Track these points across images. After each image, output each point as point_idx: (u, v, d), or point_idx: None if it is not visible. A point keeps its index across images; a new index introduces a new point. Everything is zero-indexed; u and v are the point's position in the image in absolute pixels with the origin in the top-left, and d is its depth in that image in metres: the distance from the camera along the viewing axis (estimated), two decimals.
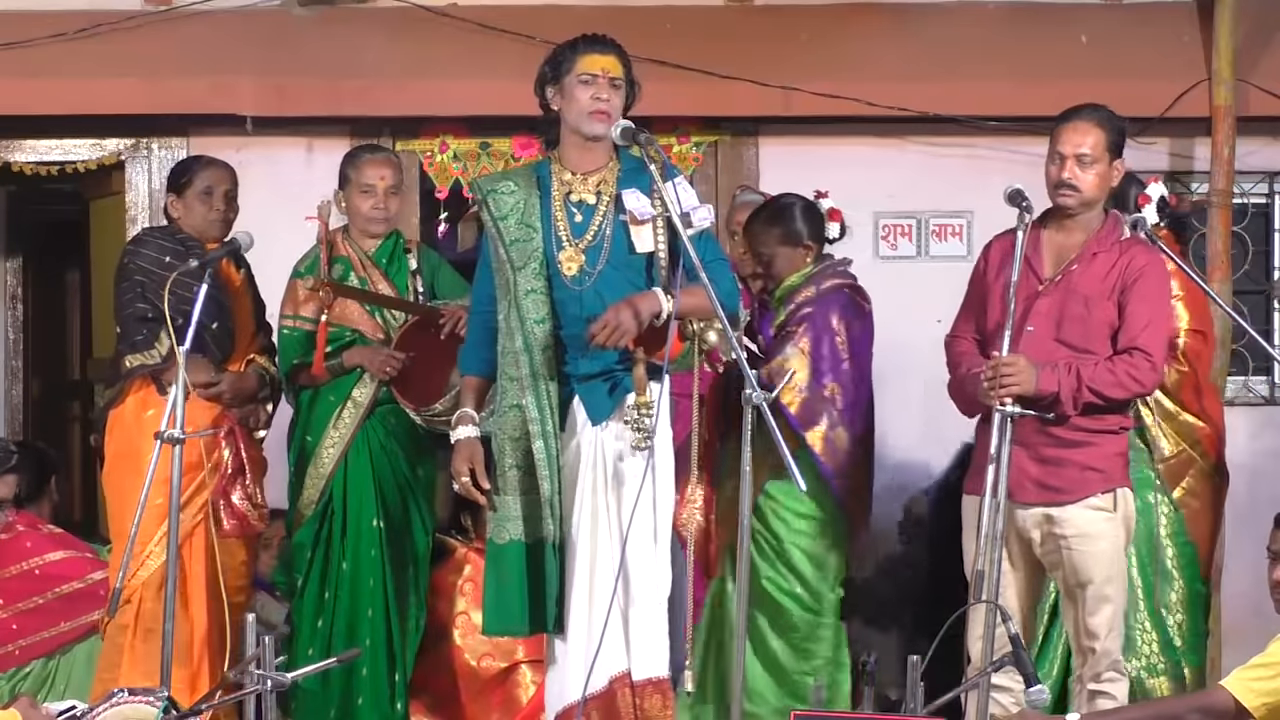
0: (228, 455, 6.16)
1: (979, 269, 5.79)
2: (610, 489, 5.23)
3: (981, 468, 5.60)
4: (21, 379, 9.04)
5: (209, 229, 6.27)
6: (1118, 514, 5.59)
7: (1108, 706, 5.49)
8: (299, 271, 6.42)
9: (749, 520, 4.96)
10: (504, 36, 7.62)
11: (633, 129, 5.20)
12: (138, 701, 4.67)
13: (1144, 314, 5.54)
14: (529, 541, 5.24)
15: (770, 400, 4.92)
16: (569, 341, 5.26)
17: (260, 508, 6.25)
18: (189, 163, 6.52)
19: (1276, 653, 4.54)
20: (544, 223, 5.28)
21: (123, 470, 6.13)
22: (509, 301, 5.25)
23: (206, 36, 7.79)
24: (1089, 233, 5.60)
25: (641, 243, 5.27)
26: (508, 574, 5.25)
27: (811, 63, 7.75)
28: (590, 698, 5.17)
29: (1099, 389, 5.48)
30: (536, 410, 5.20)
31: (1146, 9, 8.04)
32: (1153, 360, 5.53)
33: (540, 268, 5.25)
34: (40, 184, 8.26)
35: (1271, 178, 8.09)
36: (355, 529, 6.32)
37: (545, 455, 5.20)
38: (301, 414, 6.39)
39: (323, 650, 6.19)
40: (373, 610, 6.31)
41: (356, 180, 6.40)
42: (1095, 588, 5.56)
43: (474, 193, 5.39)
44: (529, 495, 5.24)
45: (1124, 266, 5.56)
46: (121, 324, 6.18)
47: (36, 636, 6.61)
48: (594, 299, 5.23)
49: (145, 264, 6.16)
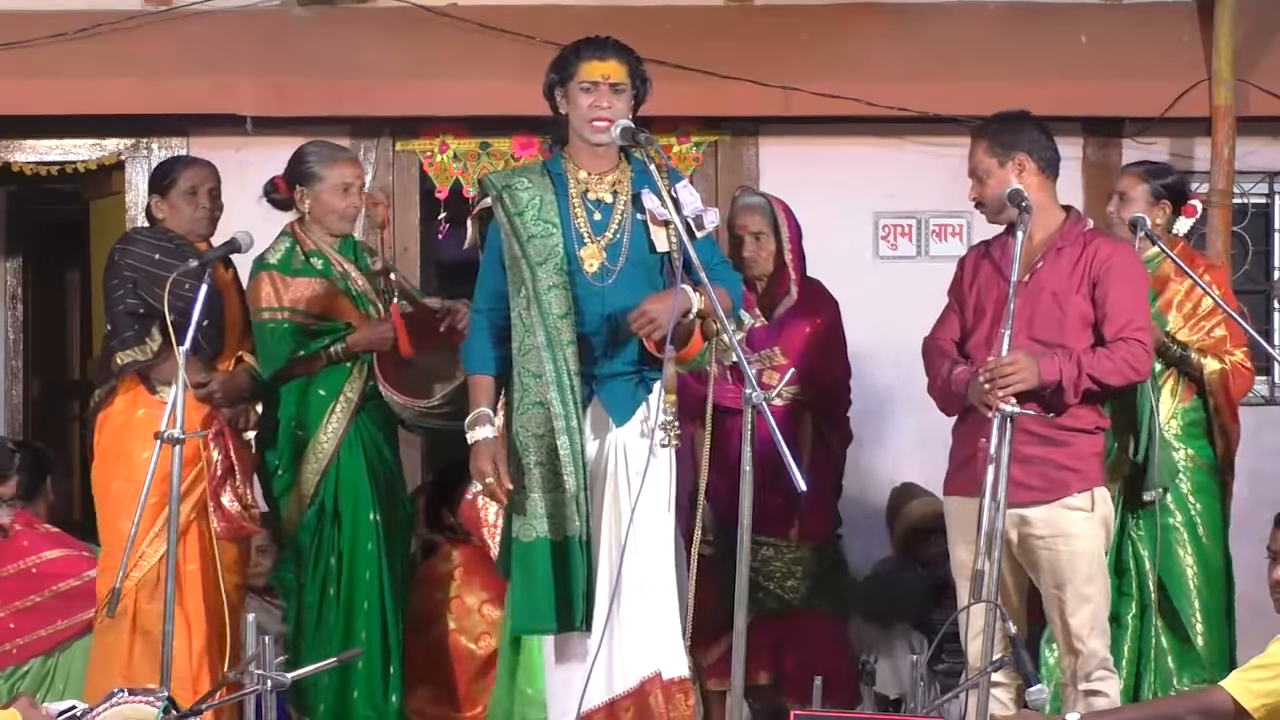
0: (217, 457, 6.11)
1: (956, 279, 5.86)
2: (632, 488, 5.23)
3: (959, 467, 5.67)
4: (21, 379, 9.04)
5: (196, 227, 6.27)
6: (1096, 514, 5.61)
7: (1103, 705, 5.49)
8: (270, 264, 6.30)
9: (749, 520, 4.96)
10: (504, 36, 7.62)
11: (632, 129, 5.22)
12: (138, 701, 4.67)
13: (1126, 302, 5.58)
14: (555, 539, 5.24)
15: (770, 400, 4.93)
16: (588, 339, 5.27)
17: (250, 508, 6.24)
18: (170, 164, 6.50)
19: (1276, 653, 4.55)
20: (563, 219, 5.30)
21: (111, 470, 6.11)
22: (526, 298, 5.25)
23: (206, 36, 7.79)
24: (1048, 232, 5.65)
25: (660, 242, 5.32)
26: (535, 572, 5.24)
27: (811, 63, 7.75)
28: (621, 697, 5.20)
29: (1099, 376, 5.50)
30: (561, 406, 5.20)
31: (1146, 9, 8.04)
32: (1146, 347, 5.59)
33: (562, 263, 5.26)
34: (40, 184, 8.26)
35: (1271, 178, 8.09)
36: (352, 523, 6.30)
37: (570, 451, 5.20)
38: (289, 409, 6.33)
39: (326, 646, 6.19)
40: (369, 603, 6.31)
41: (329, 178, 6.35)
42: (1074, 588, 5.57)
43: (487, 189, 5.37)
44: (553, 493, 5.23)
45: (1090, 258, 5.61)
46: (112, 320, 6.17)
47: (34, 635, 6.60)
48: (615, 296, 5.26)
49: (136, 261, 6.14)
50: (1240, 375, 6.33)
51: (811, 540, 6.50)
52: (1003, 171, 5.64)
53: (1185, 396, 6.32)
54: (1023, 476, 5.49)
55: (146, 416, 6.06)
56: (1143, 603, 6.24)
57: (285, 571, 6.42)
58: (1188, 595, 6.28)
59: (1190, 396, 6.31)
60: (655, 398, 5.33)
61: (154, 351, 6.07)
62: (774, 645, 6.50)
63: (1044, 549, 5.57)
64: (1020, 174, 5.63)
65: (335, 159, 6.41)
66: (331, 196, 6.36)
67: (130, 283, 6.12)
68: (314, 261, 6.35)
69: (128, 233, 6.50)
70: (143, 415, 6.08)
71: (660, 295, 5.19)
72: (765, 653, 6.47)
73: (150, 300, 6.06)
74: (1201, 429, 6.33)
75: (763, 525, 6.34)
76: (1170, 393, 6.30)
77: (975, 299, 5.73)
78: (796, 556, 6.47)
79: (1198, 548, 6.30)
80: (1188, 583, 6.29)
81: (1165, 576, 6.26)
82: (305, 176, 6.38)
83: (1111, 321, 5.57)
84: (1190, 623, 6.27)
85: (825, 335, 6.56)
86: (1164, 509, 6.25)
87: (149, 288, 6.06)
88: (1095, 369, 5.51)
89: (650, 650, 5.25)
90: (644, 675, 5.23)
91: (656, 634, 5.26)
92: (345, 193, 6.37)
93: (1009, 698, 5.57)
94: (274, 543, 6.61)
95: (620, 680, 5.22)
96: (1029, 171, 5.65)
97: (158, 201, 6.31)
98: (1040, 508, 5.55)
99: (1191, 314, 6.33)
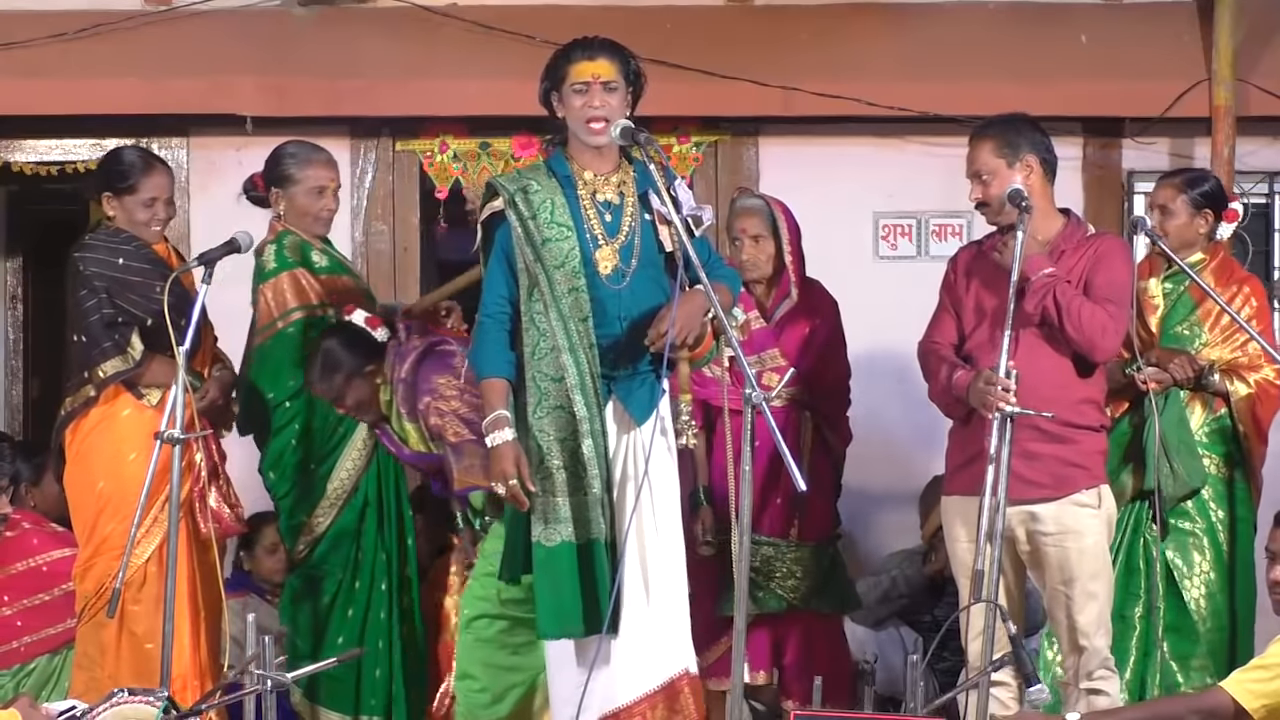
0: (199, 459, 6.05)
1: (948, 279, 5.87)
2: (648, 488, 5.24)
3: (961, 467, 5.68)
4: (21, 379, 9.04)
5: (148, 235, 6.18)
6: (1102, 510, 5.64)
7: (1104, 704, 5.50)
8: (292, 263, 6.28)
9: (749, 520, 4.96)
10: (504, 36, 7.62)
11: (631, 129, 5.22)
12: (137, 701, 4.67)
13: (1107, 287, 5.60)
14: (579, 542, 5.24)
15: (770, 400, 4.94)
16: (605, 341, 5.26)
17: (236, 508, 6.24)
18: (129, 167, 6.21)
19: (1276, 654, 4.55)
20: (576, 222, 5.29)
21: (94, 471, 6.06)
22: (543, 302, 5.24)
23: (206, 36, 7.79)
24: (1049, 234, 5.68)
25: (667, 242, 5.33)
26: (561, 576, 5.23)
27: (811, 63, 7.75)
28: (651, 694, 5.23)
29: (1064, 305, 5.53)
30: (585, 409, 5.20)
31: (1146, 9, 8.04)
32: (1119, 329, 5.60)
33: (579, 266, 5.25)
34: (40, 184, 8.25)
35: (1271, 178, 8.09)
36: (394, 517, 6.32)
37: (595, 454, 5.21)
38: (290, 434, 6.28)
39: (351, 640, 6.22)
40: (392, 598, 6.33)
41: (305, 180, 6.30)
42: (1081, 585, 5.59)
43: (499, 192, 5.32)
44: (576, 496, 5.23)
45: (1091, 254, 5.66)
46: (87, 331, 6.04)
47: (42, 633, 6.60)
48: (631, 297, 5.27)
49: (101, 268, 6.06)
50: (1268, 396, 6.29)
51: (811, 540, 6.50)
52: (1010, 172, 5.64)
53: (1217, 406, 6.30)
54: (1030, 474, 5.50)
55: (132, 418, 6.04)
56: (1150, 603, 6.24)
57: (332, 557, 6.35)
58: (1199, 599, 6.27)
59: (1222, 406, 6.29)
60: (666, 397, 5.35)
61: (136, 360, 6.03)
62: (774, 645, 6.50)
63: (1052, 546, 5.58)
64: (1028, 175, 5.64)
65: (310, 161, 6.37)
66: (306, 199, 6.34)
67: (103, 291, 6.04)
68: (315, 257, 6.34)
69: (85, 240, 6.22)
70: (128, 416, 6.06)
71: (682, 302, 5.15)
72: (765, 653, 6.47)
73: (126, 306, 6.03)
74: (1225, 437, 6.31)
75: (763, 525, 6.37)
76: (1202, 404, 6.29)
77: (974, 300, 5.73)
78: (797, 556, 6.46)
79: (1217, 553, 6.29)
80: (1199, 587, 6.28)
81: (1179, 579, 6.26)
82: (280, 178, 6.36)
83: (1091, 296, 5.60)
84: (1201, 625, 6.26)
85: (825, 336, 6.56)
86: (1187, 515, 6.25)
87: (120, 294, 6.02)
88: (1067, 300, 5.52)
89: (677, 648, 5.30)
90: (673, 673, 5.27)
91: (679, 632, 5.31)
92: (320, 195, 6.35)
93: (1009, 697, 5.57)
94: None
95: (649, 678, 5.25)
96: (1035, 173, 5.66)
97: (109, 199, 6.18)
98: (1049, 504, 5.56)
99: (1229, 325, 6.30)
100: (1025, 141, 5.66)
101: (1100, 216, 7.85)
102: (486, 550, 5.86)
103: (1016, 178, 5.62)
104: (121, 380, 6.05)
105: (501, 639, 5.84)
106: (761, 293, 6.55)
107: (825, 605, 6.55)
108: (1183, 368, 6.18)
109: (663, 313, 5.18)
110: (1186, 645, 6.28)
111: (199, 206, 7.89)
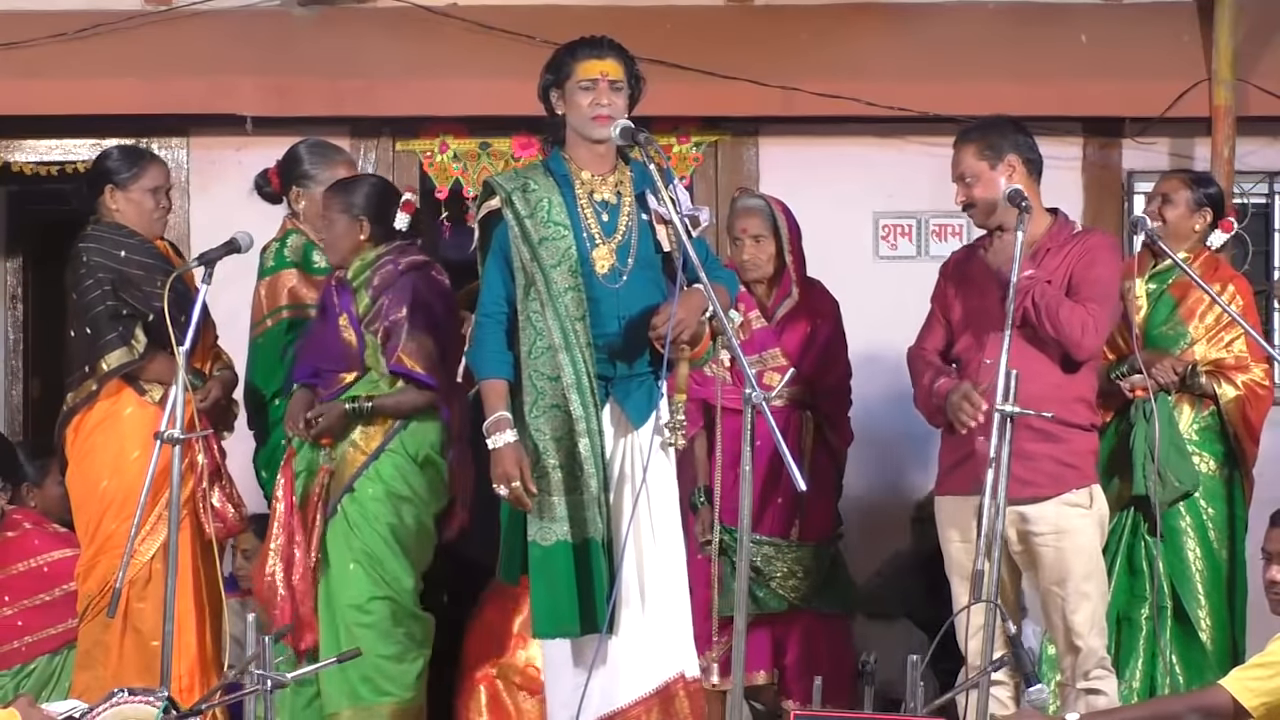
0: (201, 459, 6.04)
1: (938, 287, 5.91)
2: (645, 488, 5.24)
3: (953, 467, 5.71)
4: (21, 379, 9.04)
5: (153, 226, 6.20)
6: (1093, 510, 5.66)
7: (1102, 704, 5.50)
8: (289, 263, 6.30)
9: (749, 520, 4.96)
10: (504, 36, 7.63)
11: (631, 128, 5.23)
12: (138, 701, 4.66)
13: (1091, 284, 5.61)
14: (575, 542, 5.24)
15: (770, 400, 4.95)
16: (603, 341, 5.27)
17: (239, 507, 6.24)
18: (131, 158, 6.26)
19: (1275, 653, 4.55)
20: (573, 221, 5.29)
21: (99, 469, 6.07)
22: (540, 301, 5.24)
23: (206, 36, 7.80)
24: (1035, 234, 5.68)
25: (665, 242, 5.35)
26: (556, 575, 5.23)
27: (811, 63, 7.75)
28: (646, 697, 5.22)
29: (1041, 304, 5.53)
30: (581, 409, 5.20)
31: (1146, 9, 8.04)
32: (1100, 326, 5.60)
33: (576, 265, 5.26)
34: (40, 184, 8.25)
35: (1271, 178, 8.09)
36: None
37: (591, 453, 5.21)
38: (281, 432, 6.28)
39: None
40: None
41: (326, 180, 6.24)
42: (1075, 584, 5.60)
43: (496, 191, 5.33)
44: (573, 495, 5.23)
45: (1076, 252, 5.68)
46: (91, 324, 6.04)
47: (43, 633, 6.59)
48: (628, 297, 5.28)
49: (106, 260, 6.06)
50: (1256, 397, 6.30)
51: (812, 540, 6.50)
52: (993, 174, 5.68)
53: (1205, 405, 6.30)
54: (1023, 473, 5.51)
55: (135, 416, 6.04)
56: (1157, 604, 6.24)
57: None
58: (1196, 597, 6.28)
59: (1210, 404, 6.30)
60: (664, 398, 5.35)
61: (140, 352, 6.03)
62: (774, 645, 6.50)
63: (1045, 545, 5.59)
64: (1010, 176, 5.66)
65: (333, 160, 6.39)
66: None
67: (108, 283, 6.04)
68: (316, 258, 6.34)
69: (88, 231, 6.19)
70: (131, 414, 6.06)
71: (683, 299, 5.16)
72: (766, 652, 6.47)
73: (130, 300, 6.03)
74: (1216, 435, 6.31)
75: (763, 525, 6.37)
76: (1190, 403, 6.30)
77: (962, 303, 5.77)
78: (797, 556, 6.47)
79: (1207, 550, 6.29)
80: (1196, 585, 6.28)
81: (1175, 578, 6.26)
82: (301, 176, 6.36)
83: (1075, 293, 5.62)
84: (1199, 625, 6.27)
85: (826, 336, 6.57)
86: (1176, 513, 6.25)
87: (125, 288, 6.02)
88: (1046, 301, 5.53)
89: (673, 651, 5.29)
90: (668, 677, 5.27)
91: (677, 634, 5.30)
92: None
93: (1009, 697, 5.58)
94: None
95: (645, 681, 5.24)
96: (1019, 174, 5.68)
97: (113, 191, 6.17)
98: (1041, 504, 5.58)
99: (1214, 325, 6.31)
100: (1007, 143, 5.69)
101: (1100, 216, 7.85)
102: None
103: (1000, 179, 5.65)
104: (124, 375, 6.06)
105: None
106: (762, 292, 6.55)
107: (826, 605, 6.56)
108: (1166, 372, 6.20)
109: (663, 306, 5.19)
110: (1191, 643, 6.29)
111: (199, 206, 7.90)
